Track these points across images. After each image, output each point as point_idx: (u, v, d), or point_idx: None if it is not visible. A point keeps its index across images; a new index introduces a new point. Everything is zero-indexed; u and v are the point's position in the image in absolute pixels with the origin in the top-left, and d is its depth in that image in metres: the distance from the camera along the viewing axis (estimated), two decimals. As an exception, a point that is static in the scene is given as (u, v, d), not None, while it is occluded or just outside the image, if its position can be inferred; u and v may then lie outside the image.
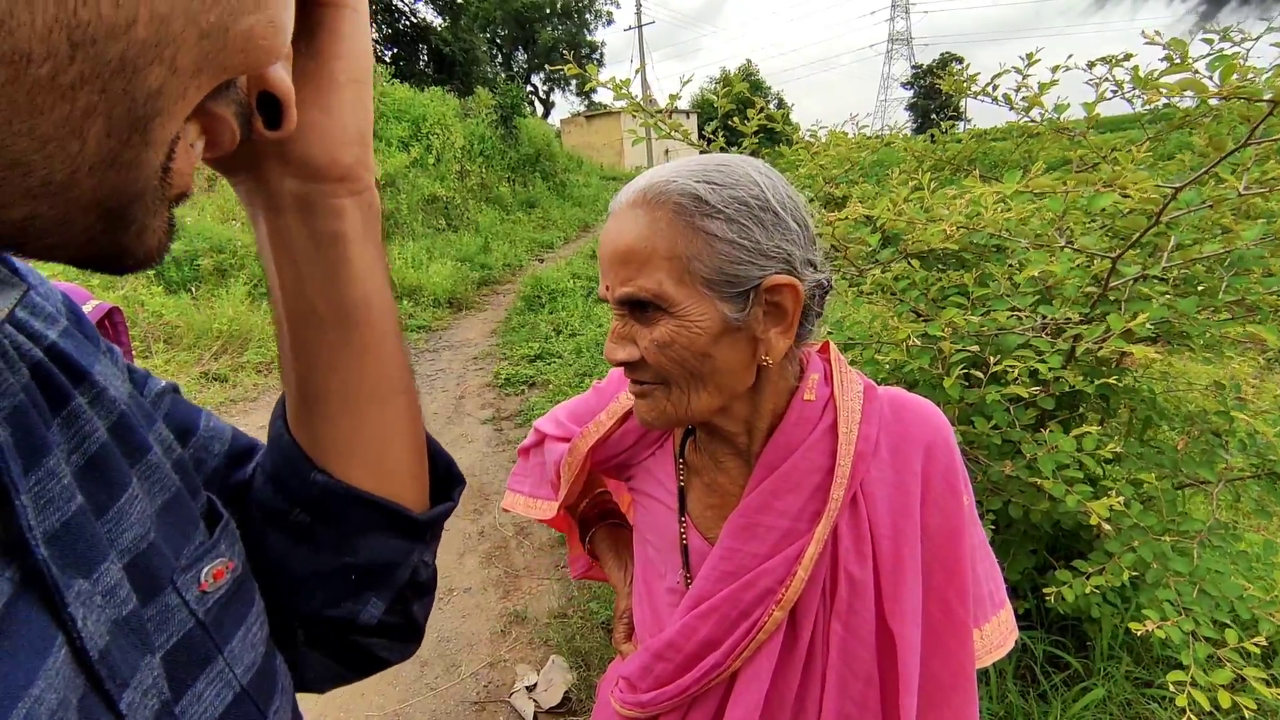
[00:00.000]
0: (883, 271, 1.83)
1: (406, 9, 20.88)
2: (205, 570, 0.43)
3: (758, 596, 0.75)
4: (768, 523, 0.76)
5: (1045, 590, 1.62)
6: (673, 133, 2.16)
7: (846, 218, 1.57)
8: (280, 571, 0.53)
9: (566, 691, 2.51)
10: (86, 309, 1.45)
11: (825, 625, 0.76)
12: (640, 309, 0.70)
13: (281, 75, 0.37)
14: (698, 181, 0.67)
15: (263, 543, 0.53)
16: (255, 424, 5.45)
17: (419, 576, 0.58)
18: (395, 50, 21.13)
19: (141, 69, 0.28)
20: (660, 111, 2.15)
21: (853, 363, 1.88)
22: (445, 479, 0.61)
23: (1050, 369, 1.43)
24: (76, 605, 0.34)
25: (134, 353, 1.50)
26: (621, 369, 0.97)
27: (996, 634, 0.82)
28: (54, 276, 1.51)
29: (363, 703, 2.60)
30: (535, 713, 2.44)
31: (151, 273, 6.63)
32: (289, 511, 0.52)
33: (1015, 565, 1.94)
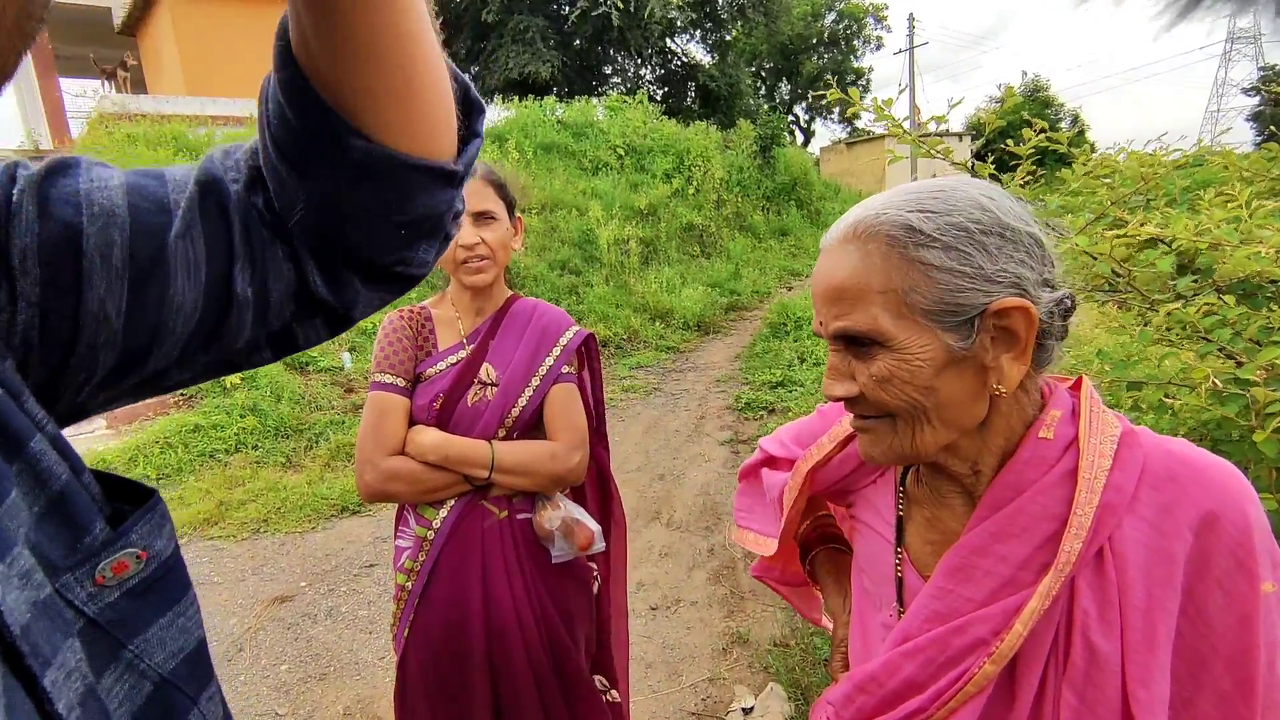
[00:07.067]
0: (1184, 305, 1.56)
1: (679, 50, 22.22)
2: (103, 564, 0.41)
3: (968, 645, 0.69)
4: (985, 566, 0.70)
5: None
6: (933, 151, 2.05)
7: (1127, 235, 1.36)
8: (333, 220, 0.53)
9: (782, 721, 2.47)
10: (565, 338, 1.52)
11: (1056, 692, 0.67)
12: (856, 344, 0.70)
13: None
14: (910, 211, 0.67)
15: (309, 195, 0.52)
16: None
17: (457, 210, 0.59)
18: (666, 89, 22.55)
19: None
20: (925, 135, 2.06)
21: (1136, 407, 1.63)
22: (464, 106, 0.57)
23: None
24: None
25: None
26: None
27: None
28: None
29: (591, 691, 2.78)
30: (749, 736, 2.43)
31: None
32: (327, 178, 0.51)
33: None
